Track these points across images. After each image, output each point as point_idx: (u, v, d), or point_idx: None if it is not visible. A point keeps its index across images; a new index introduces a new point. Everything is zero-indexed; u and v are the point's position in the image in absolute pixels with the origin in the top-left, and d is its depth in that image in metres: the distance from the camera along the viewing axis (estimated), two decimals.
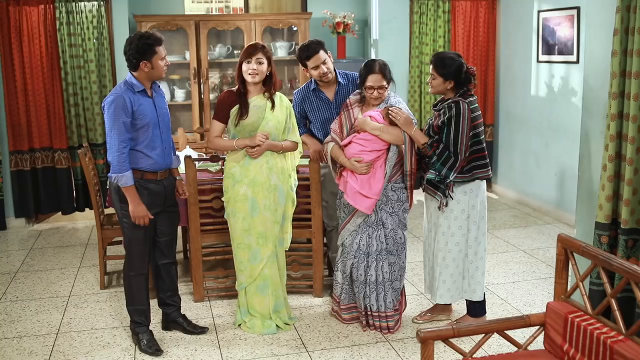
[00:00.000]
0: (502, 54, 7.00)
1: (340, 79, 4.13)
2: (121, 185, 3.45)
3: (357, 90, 3.89)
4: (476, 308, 3.89)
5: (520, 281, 4.65)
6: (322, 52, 3.95)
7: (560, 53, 5.98)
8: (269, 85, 3.79)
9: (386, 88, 3.72)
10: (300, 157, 4.07)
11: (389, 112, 3.67)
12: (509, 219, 6.28)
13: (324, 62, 3.97)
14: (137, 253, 3.64)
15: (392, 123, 3.68)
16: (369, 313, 3.86)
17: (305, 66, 4.02)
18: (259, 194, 3.77)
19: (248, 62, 3.69)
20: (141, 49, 3.42)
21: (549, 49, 6.15)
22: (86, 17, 6.02)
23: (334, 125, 3.92)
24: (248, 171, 3.77)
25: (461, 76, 3.63)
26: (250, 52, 3.70)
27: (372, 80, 3.68)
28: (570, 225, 5.92)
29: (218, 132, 3.84)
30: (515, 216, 6.37)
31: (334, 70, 4.10)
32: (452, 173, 3.59)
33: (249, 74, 3.70)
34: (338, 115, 4.05)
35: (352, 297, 3.93)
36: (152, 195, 3.57)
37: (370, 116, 3.72)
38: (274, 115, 3.78)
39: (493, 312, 4.12)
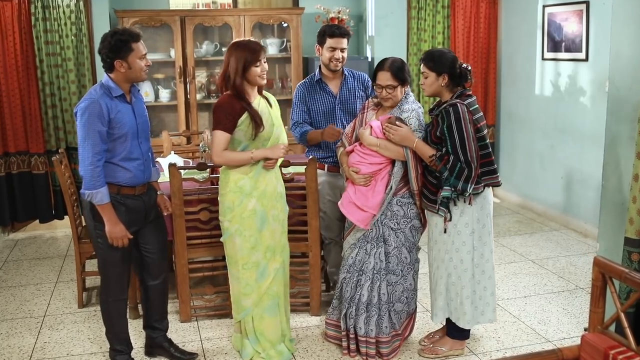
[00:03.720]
0: (504, 51, 6.68)
1: (346, 72, 4.01)
2: (96, 203, 3.05)
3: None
4: (463, 329, 3.49)
5: (532, 295, 4.33)
6: (346, 40, 3.89)
7: (568, 50, 5.66)
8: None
9: (395, 87, 3.37)
10: (293, 165, 3.78)
11: (384, 128, 3.31)
12: (513, 224, 5.97)
13: (341, 50, 3.87)
14: (114, 277, 3.25)
15: None
16: (351, 336, 3.49)
17: (322, 43, 3.88)
18: (268, 206, 3.36)
19: (258, 65, 3.25)
20: (115, 46, 3.02)
21: (555, 46, 5.83)
22: (64, 13, 5.65)
23: (347, 129, 3.64)
24: (258, 183, 3.32)
25: (455, 70, 3.26)
26: (258, 54, 3.24)
27: (380, 78, 3.37)
28: (578, 232, 5.63)
29: (225, 144, 3.28)
30: (520, 222, 6.06)
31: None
32: (469, 185, 3.19)
33: (260, 76, 3.28)
34: (341, 110, 3.98)
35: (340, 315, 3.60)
36: (130, 212, 3.18)
37: (371, 127, 3.38)
38: (277, 117, 3.40)
39: (506, 332, 3.80)
